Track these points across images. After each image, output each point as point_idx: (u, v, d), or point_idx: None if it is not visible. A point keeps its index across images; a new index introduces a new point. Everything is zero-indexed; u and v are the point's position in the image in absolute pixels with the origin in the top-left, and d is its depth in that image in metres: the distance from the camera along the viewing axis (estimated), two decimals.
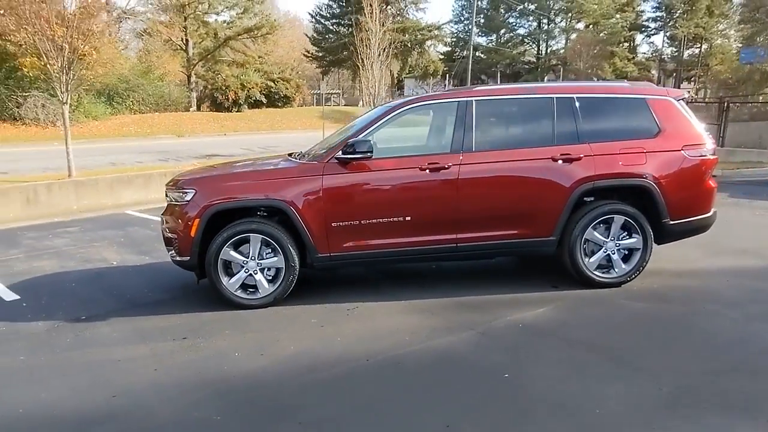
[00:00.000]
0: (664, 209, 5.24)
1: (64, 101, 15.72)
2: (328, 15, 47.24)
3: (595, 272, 5.29)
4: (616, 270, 5.32)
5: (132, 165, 17.45)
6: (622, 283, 5.32)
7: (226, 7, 38.23)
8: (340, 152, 5.03)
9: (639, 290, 5.23)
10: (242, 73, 35.33)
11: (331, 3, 46.69)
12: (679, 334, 4.26)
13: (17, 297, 5.67)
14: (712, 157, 5.44)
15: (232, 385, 3.69)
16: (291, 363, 4.00)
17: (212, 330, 4.64)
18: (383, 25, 21.09)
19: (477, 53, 51.71)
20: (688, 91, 6.65)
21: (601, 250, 5.30)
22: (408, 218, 5.08)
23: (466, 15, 51.76)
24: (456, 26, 52.91)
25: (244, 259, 5.05)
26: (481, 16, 52.74)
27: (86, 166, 15.55)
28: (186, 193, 5.08)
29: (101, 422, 3.31)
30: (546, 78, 51.54)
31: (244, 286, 5.12)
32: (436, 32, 47.64)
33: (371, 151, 4.97)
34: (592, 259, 5.29)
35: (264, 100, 36.61)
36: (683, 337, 4.22)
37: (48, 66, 14.93)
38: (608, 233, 5.28)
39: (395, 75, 48.02)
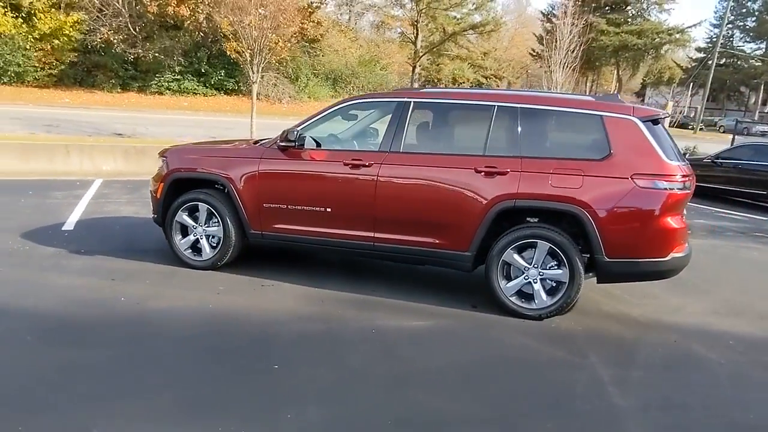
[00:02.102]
0: (597, 243, 4.60)
1: (254, 81, 18.08)
2: (561, 14, 45.42)
3: (511, 298, 4.87)
4: (536, 301, 4.83)
5: None
6: (543, 316, 4.81)
7: (457, 4, 39.16)
8: (279, 140, 5.40)
9: (552, 328, 4.69)
10: (457, 68, 36.21)
11: (566, 2, 44.89)
12: (492, 380, 3.82)
13: (71, 228, 7.10)
14: (679, 192, 4.59)
15: (72, 324, 4.28)
16: (143, 316, 4.51)
17: (141, 277, 5.38)
18: (573, 26, 19.89)
19: (737, 61, 45.43)
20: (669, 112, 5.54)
21: (522, 277, 4.86)
22: (329, 210, 5.25)
23: (732, 17, 45.54)
24: (716, 30, 46.83)
25: (194, 224, 5.72)
26: (752, 18, 46.06)
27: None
28: (163, 161, 5.92)
29: None
30: None
31: (196, 249, 5.79)
32: (677, 36, 42.67)
33: (295, 141, 5.23)
34: (509, 284, 4.88)
35: None
36: (489, 383, 3.79)
37: (243, 51, 17.34)
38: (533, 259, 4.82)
39: (624, 80, 44.47)
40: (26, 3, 26.61)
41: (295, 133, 5.25)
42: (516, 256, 4.83)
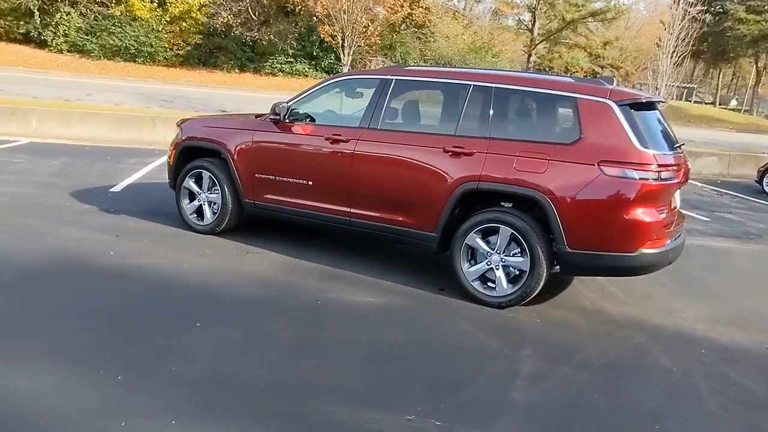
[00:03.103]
0: (559, 232, 4.33)
1: (344, 64, 18.45)
2: (694, 1, 41.58)
3: (473, 283, 4.71)
4: (497, 289, 4.63)
5: None
6: (503, 305, 4.61)
7: None
8: (270, 114, 5.57)
9: (509, 318, 4.51)
10: (572, 57, 34.54)
11: None
12: (397, 360, 3.74)
13: (117, 190, 7.74)
14: (654, 183, 4.19)
15: (52, 272, 4.68)
16: (117, 270, 4.81)
17: (143, 236, 5.79)
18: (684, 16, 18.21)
19: None
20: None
21: (484, 262, 4.67)
22: (310, 183, 5.36)
23: None
24: None
25: (199, 190, 6.05)
26: None
27: None
28: (179, 130, 6.31)
29: None
30: None
31: (200, 213, 6.12)
32: None
33: (280, 115, 5.38)
34: (471, 269, 4.72)
35: None
36: (392, 363, 3.71)
37: (336, 34, 17.76)
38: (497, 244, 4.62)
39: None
40: None
41: (282, 107, 5.39)
42: (479, 240, 4.66)
